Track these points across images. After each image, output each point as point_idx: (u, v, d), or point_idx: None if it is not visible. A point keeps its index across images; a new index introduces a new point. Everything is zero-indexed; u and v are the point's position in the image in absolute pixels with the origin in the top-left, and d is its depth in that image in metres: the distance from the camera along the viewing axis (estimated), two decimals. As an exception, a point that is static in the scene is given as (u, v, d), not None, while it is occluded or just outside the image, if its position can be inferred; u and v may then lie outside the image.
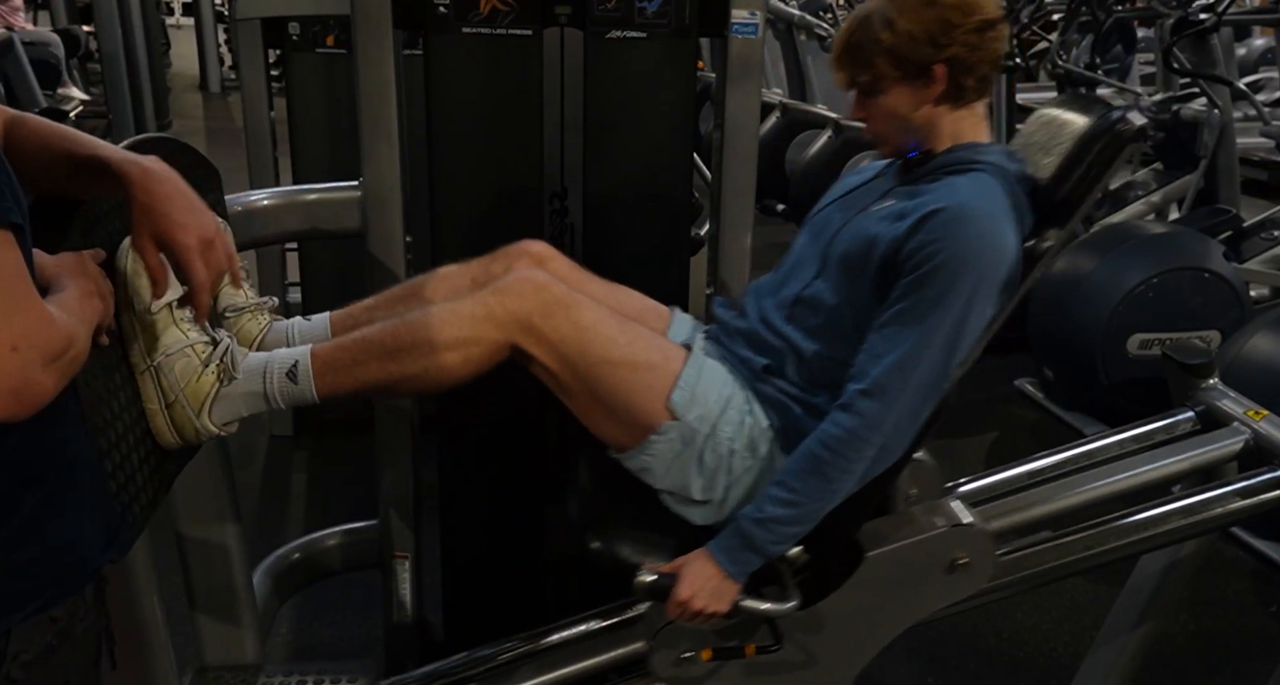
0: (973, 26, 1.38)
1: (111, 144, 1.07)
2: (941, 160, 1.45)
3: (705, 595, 1.36)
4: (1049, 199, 1.43)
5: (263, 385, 1.31)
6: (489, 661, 1.80)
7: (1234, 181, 4.21)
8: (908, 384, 1.32)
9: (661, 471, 1.43)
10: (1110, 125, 1.40)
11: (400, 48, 1.78)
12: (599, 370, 1.39)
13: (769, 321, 1.50)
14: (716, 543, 1.38)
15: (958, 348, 1.33)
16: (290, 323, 1.50)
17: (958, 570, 1.49)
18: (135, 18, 6.62)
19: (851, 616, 1.51)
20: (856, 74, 1.44)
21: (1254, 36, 8.90)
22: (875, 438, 1.33)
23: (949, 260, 1.29)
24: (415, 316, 1.37)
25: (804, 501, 1.34)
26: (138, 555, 1.46)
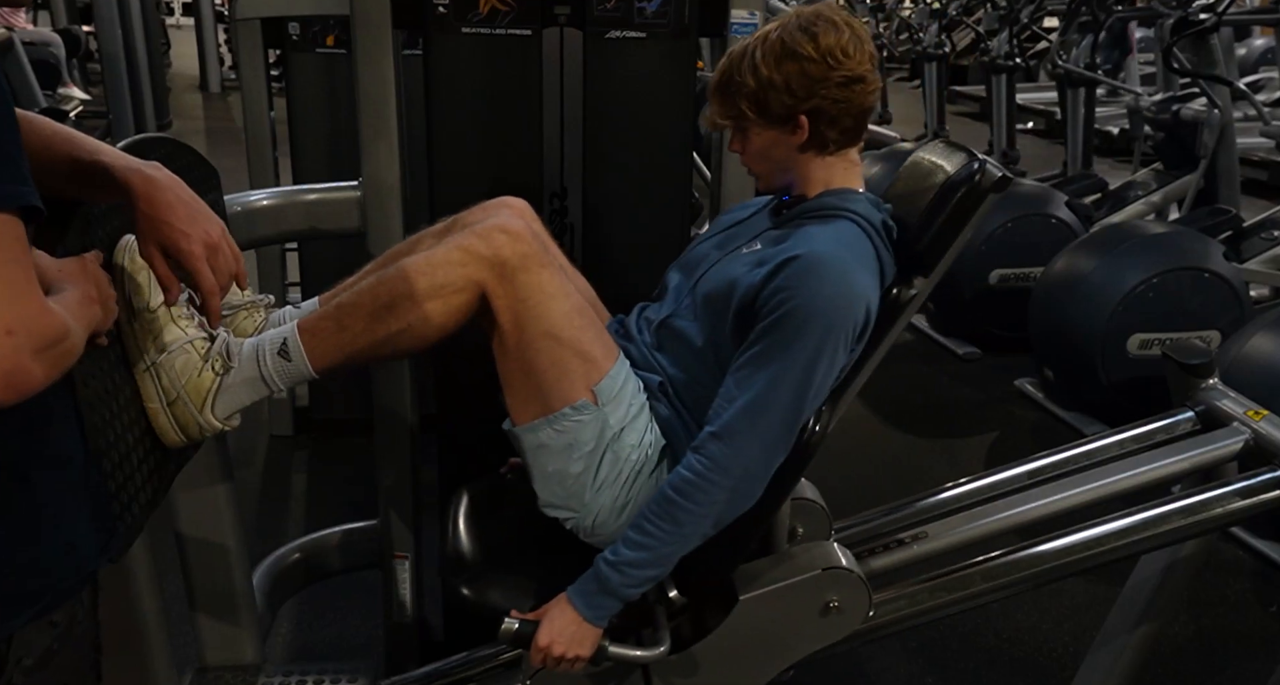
0: (836, 81, 1.38)
1: (114, 148, 1.07)
2: (808, 205, 1.46)
3: (565, 641, 1.36)
4: (912, 247, 1.43)
5: (258, 368, 1.31)
6: (489, 661, 1.80)
7: (1234, 181, 4.21)
8: (756, 427, 1.32)
9: (558, 452, 1.42)
10: (969, 175, 1.39)
11: (400, 48, 1.78)
12: (541, 342, 1.38)
13: (648, 345, 1.52)
14: (575, 587, 1.38)
15: (808, 393, 1.33)
16: (282, 312, 1.50)
17: (831, 613, 1.48)
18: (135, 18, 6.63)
19: (726, 659, 1.49)
20: (725, 113, 1.45)
21: (1254, 36, 8.90)
22: (724, 481, 1.32)
23: (799, 308, 1.30)
24: (391, 272, 1.37)
25: (656, 545, 1.34)
26: (138, 555, 1.46)
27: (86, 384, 1.07)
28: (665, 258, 1.95)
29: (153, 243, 1.06)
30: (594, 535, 1.45)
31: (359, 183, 1.83)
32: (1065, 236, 4.08)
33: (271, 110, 3.24)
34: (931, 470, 3.39)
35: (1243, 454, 1.73)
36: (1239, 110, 4.35)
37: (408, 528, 2.04)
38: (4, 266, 0.76)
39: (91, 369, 1.09)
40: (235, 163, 3.20)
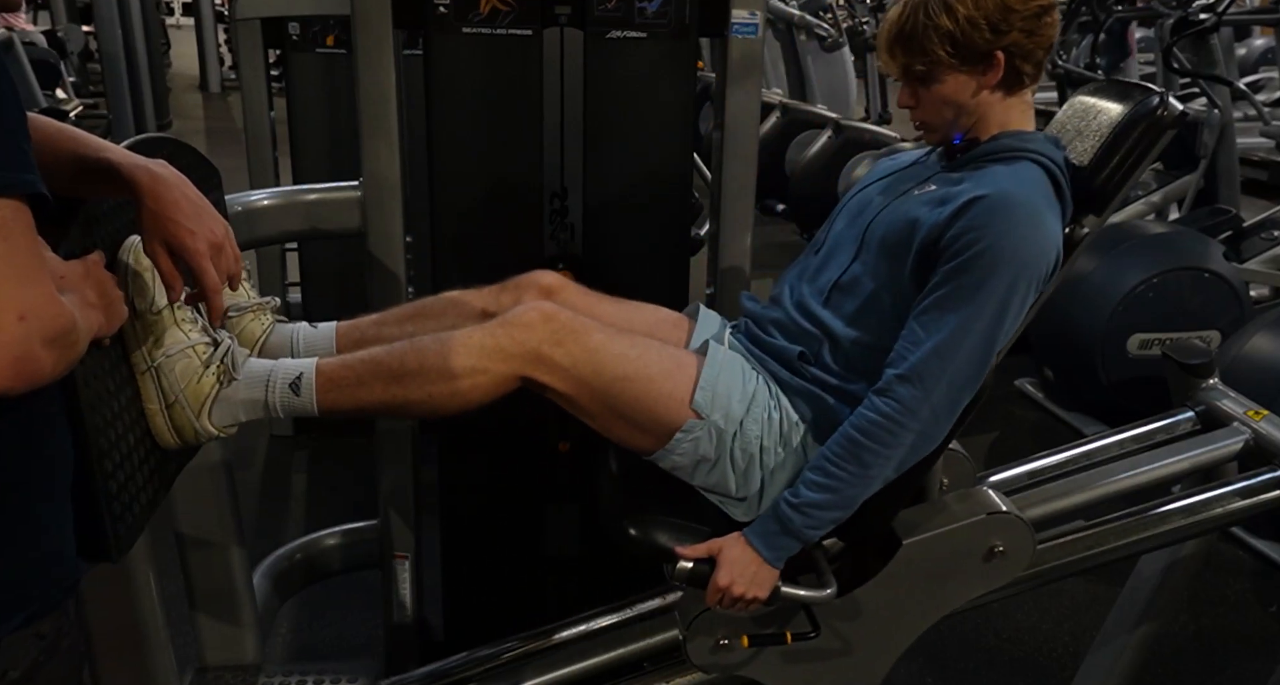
0: (1031, 12, 1.37)
1: (119, 146, 1.07)
2: (987, 147, 1.44)
3: (745, 581, 1.36)
4: (1086, 186, 1.42)
5: (264, 394, 1.31)
6: (489, 661, 1.80)
7: (1234, 181, 4.21)
8: (946, 371, 1.31)
9: (693, 470, 1.43)
10: (1151, 110, 1.39)
11: (400, 48, 1.78)
12: (616, 387, 1.38)
13: (806, 307, 1.49)
14: (753, 528, 1.38)
15: (998, 336, 1.33)
16: (295, 328, 1.50)
17: (995, 558, 1.49)
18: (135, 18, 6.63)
19: (888, 604, 1.50)
20: (911, 61, 1.41)
21: (1254, 36, 8.90)
22: (913, 424, 1.32)
23: (991, 248, 1.29)
24: (424, 342, 1.37)
25: (841, 487, 1.34)
26: (138, 555, 1.46)
27: (88, 385, 1.07)
28: (665, 258, 1.95)
29: (158, 240, 1.06)
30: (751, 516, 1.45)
31: (359, 183, 1.83)
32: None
33: (271, 110, 3.24)
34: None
35: (1243, 454, 1.73)
36: (1239, 110, 4.35)
37: (408, 528, 2.04)
38: (16, 253, 0.76)
39: (93, 369, 1.09)
40: (235, 163, 3.19)
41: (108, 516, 1.10)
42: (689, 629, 1.50)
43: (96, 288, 1.00)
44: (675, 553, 1.39)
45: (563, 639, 1.81)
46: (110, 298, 1.03)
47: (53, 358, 0.80)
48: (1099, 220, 1.42)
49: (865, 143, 5.29)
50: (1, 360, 0.75)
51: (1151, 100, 1.40)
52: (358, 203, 1.83)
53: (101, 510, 1.10)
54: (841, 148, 5.35)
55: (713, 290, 1.97)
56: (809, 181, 5.41)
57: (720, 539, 1.39)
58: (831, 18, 6.31)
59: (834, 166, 5.22)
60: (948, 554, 1.49)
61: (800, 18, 6.01)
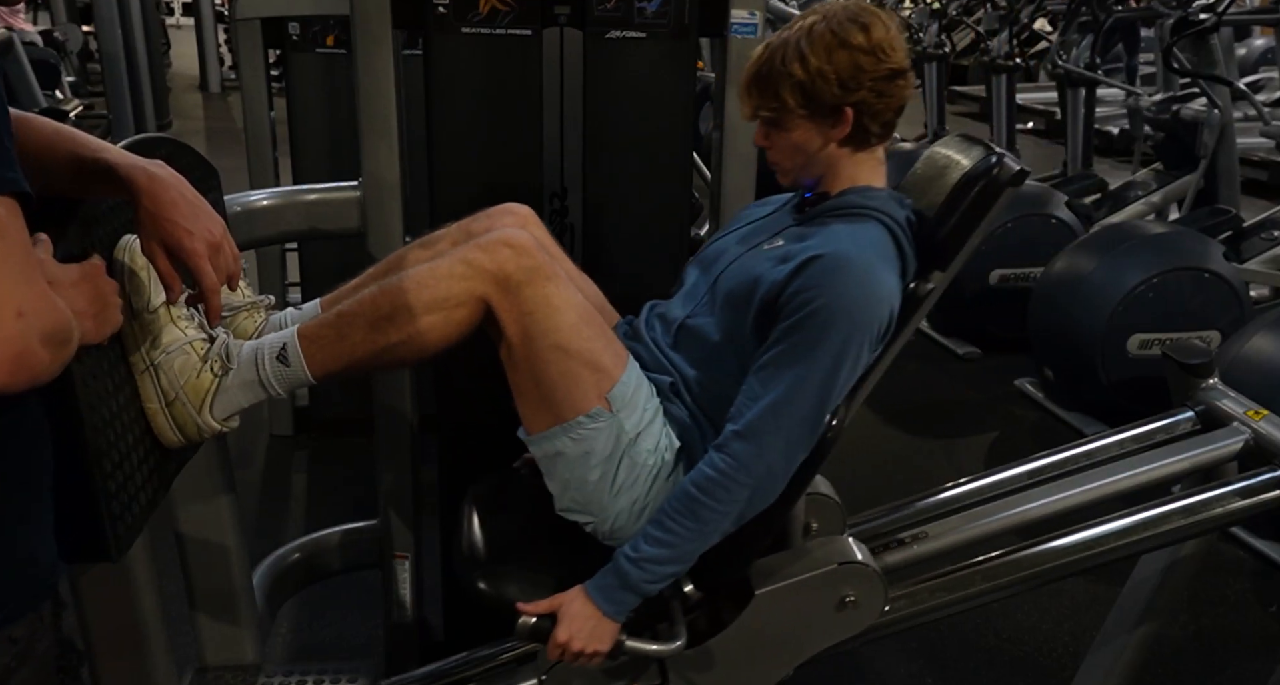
0: (881, 74, 1.39)
1: (117, 147, 1.07)
2: (833, 203, 1.46)
3: (584, 636, 1.35)
4: (931, 241, 1.43)
5: (256, 372, 1.31)
6: (489, 661, 1.80)
7: (1234, 181, 4.21)
8: (780, 427, 1.32)
9: (574, 460, 1.41)
10: (988, 169, 1.39)
11: (400, 48, 1.78)
12: (551, 354, 1.37)
13: (659, 345, 1.51)
14: (593, 582, 1.38)
15: (831, 393, 1.34)
16: (283, 314, 1.50)
17: (847, 608, 1.48)
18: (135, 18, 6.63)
19: (741, 654, 1.50)
20: (763, 104, 1.43)
21: (1254, 36, 8.90)
22: (747, 480, 1.33)
23: (825, 308, 1.30)
24: (393, 282, 1.36)
25: (678, 542, 1.34)
26: (138, 555, 1.46)
27: (87, 384, 1.07)
28: (665, 258, 1.95)
29: (155, 240, 1.06)
30: (612, 538, 1.45)
31: (359, 183, 1.83)
32: (1065, 236, 4.08)
33: (271, 110, 3.24)
34: (931, 470, 3.39)
35: (1243, 454, 1.73)
36: (1239, 110, 4.35)
37: (408, 528, 2.04)
38: (13, 250, 0.76)
39: (92, 369, 1.09)
40: (235, 163, 3.20)
41: (107, 516, 1.10)
42: (546, 677, 1.51)
43: (88, 294, 0.99)
44: (518, 608, 1.39)
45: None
46: (103, 304, 1.02)
47: (49, 355, 0.80)
48: (944, 275, 1.43)
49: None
50: (1, 357, 0.75)
51: (989, 159, 1.40)
52: (357, 203, 1.83)
53: (101, 510, 1.10)
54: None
55: (713, 290, 1.97)
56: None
57: (562, 594, 1.39)
58: (831, 18, 6.29)
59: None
60: (800, 604, 1.49)
61: (799, 18, 6.00)
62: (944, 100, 6.18)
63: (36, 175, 1.03)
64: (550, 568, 1.48)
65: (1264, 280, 4.00)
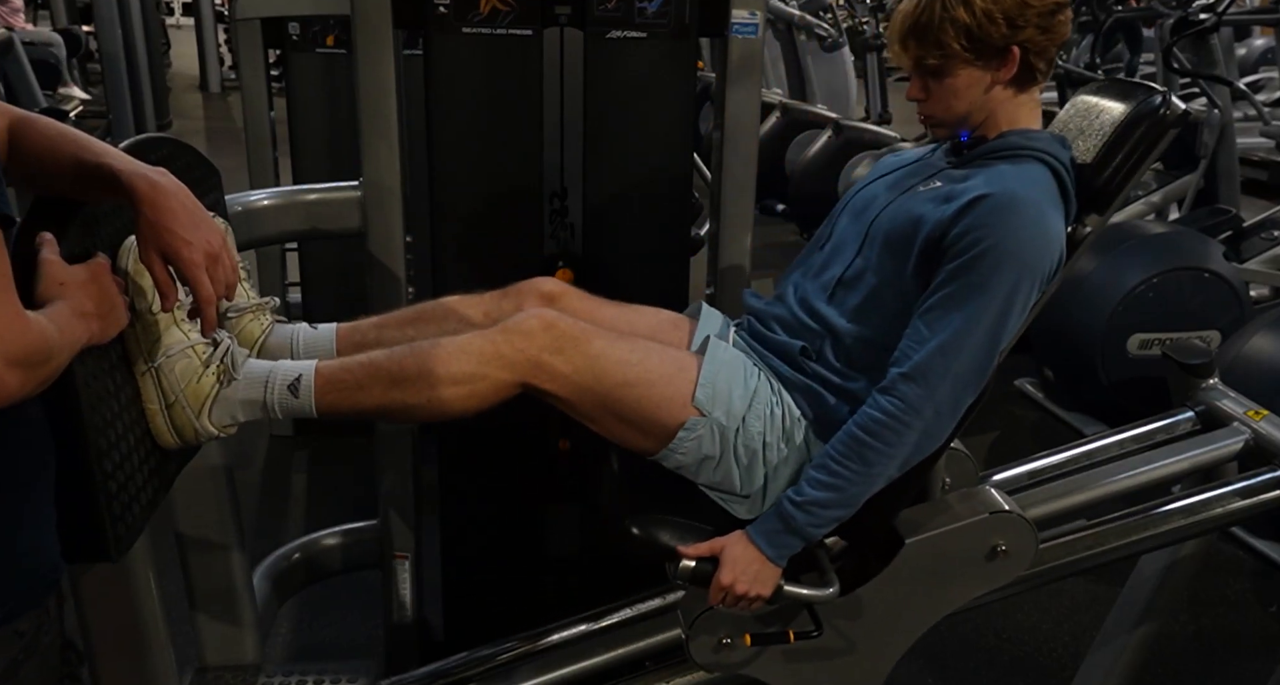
0: (1046, 8, 1.38)
1: (120, 152, 1.06)
2: (993, 145, 1.44)
3: (748, 580, 1.36)
4: (1089, 185, 1.42)
5: (263, 394, 1.31)
6: (489, 661, 1.81)
7: (1234, 181, 4.21)
8: (950, 369, 1.32)
9: (697, 468, 1.43)
10: (1154, 109, 1.39)
11: (400, 48, 1.78)
12: (618, 393, 1.38)
13: (809, 304, 1.49)
14: (756, 527, 1.38)
15: (1001, 335, 1.33)
16: (295, 328, 1.50)
17: (998, 557, 1.48)
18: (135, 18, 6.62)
19: (891, 603, 1.50)
20: (925, 54, 1.40)
21: (1254, 36, 8.90)
22: (916, 422, 1.32)
23: (995, 248, 1.29)
24: (424, 347, 1.36)
25: (844, 485, 1.34)
26: (138, 555, 1.46)
27: (88, 385, 1.07)
28: (665, 258, 1.95)
29: (154, 249, 1.06)
30: None
31: (359, 183, 1.83)
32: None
33: (271, 110, 3.24)
34: (931, 470, 3.38)
35: (1243, 454, 1.73)
36: (1239, 110, 4.35)
37: (408, 528, 2.04)
38: None
39: (93, 370, 1.09)
40: (235, 163, 3.20)
41: (107, 516, 1.10)
42: (691, 628, 1.50)
43: (95, 295, 0.99)
44: (678, 552, 1.39)
45: (563, 639, 1.81)
46: (110, 304, 1.02)
47: (19, 378, 0.80)
48: (1102, 219, 1.43)
49: (865, 143, 5.28)
50: None
51: (1154, 99, 1.41)
52: (358, 203, 1.83)
53: (101, 510, 1.10)
54: (841, 148, 5.35)
55: (713, 290, 1.97)
56: (809, 181, 5.41)
57: (723, 537, 1.39)
58: (831, 18, 6.31)
59: (834, 166, 5.22)
60: (950, 553, 1.49)
61: (800, 18, 6.01)
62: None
63: (39, 177, 1.03)
64: (701, 517, 1.46)
65: (1264, 280, 4.00)
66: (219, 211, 1.49)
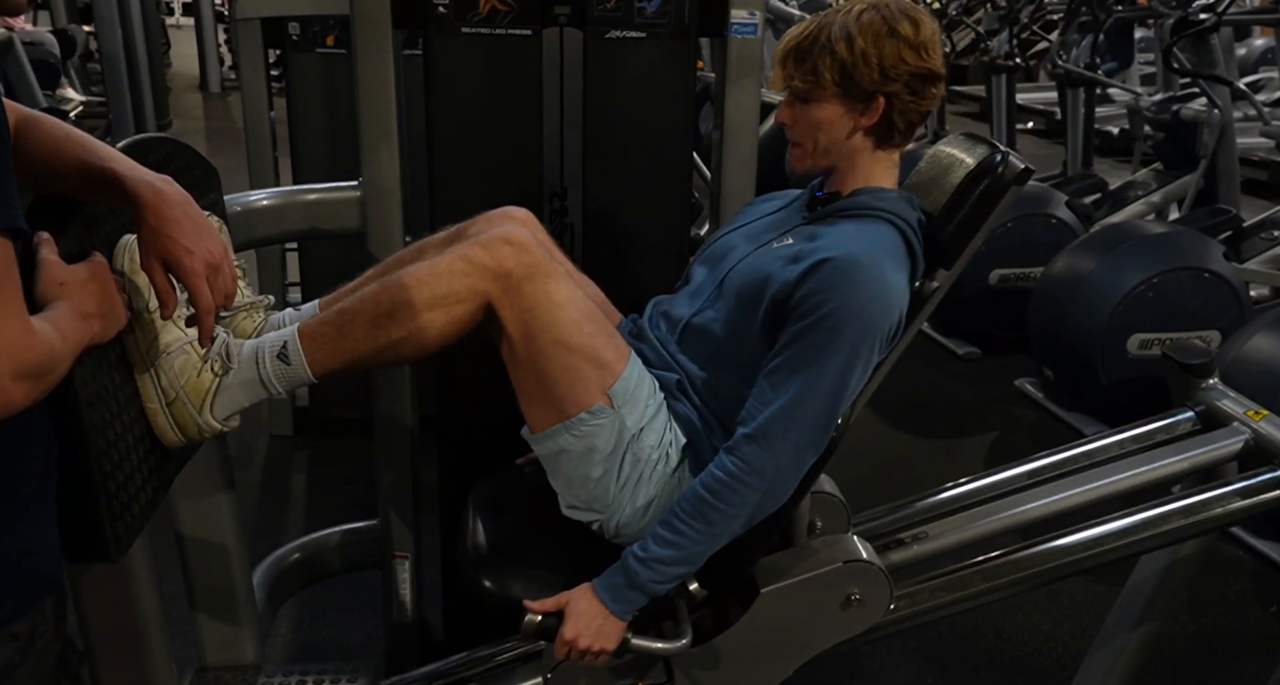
0: (922, 72, 1.40)
1: (126, 157, 1.06)
2: (844, 203, 1.46)
3: (591, 634, 1.36)
4: (937, 239, 1.44)
5: (257, 371, 1.31)
6: (489, 661, 1.80)
7: (1234, 181, 4.21)
8: (791, 430, 1.33)
9: (579, 457, 1.42)
10: (992, 166, 1.40)
11: (400, 48, 1.78)
12: (553, 350, 1.38)
13: (665, 344, 1.51)
14: (601, 580, 1.38)
15: (843, 395, 1.34)
16: (282, 314, 1.50)
17: (852, 606, 1.49)
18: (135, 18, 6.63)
19: (747, 652, 1.50)
20: (798, 76, 1.43)
21: (1254, 36, 8.90)
22: (758, 482, 1.33)
23: (835, 311, 1.31)
24: (394, 279, 1.36)
25: (687, 544, 1.34)
26: (138, 555, 1.46)
27: (87, 384, 1.07)
28: (665, 258, 1.95)
29: (155, 256, 1.06)
30: (619, 535, 1.45)
31: (359, 183, 1.83)
32: (1065, 236, 4.08)
33: (271, 110, 3.24)
34: (931, 470, 3.38)
35: (1243, 454, 1.73)
36: (1239, 110, 4.35)
37: (408, 528, 2.04)
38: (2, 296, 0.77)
39: (92, 369, 1.09)
40: (235, 163, 3.20)
41: (107, 516, 1.10)
42: (551, 675, 1.51)
43: (96, 295, 0.99)
44: (525, 606, 1.39)
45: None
46: (110, 304, 1.02)
47: (24, 390, 0.81)
48: (949, 274, 1.43)
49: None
50: None
51: (994, 157, 1.41)
52: (357, 203, 1.83)
53: (100, 509, 1.09)
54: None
55: (713, 290, 1.97)
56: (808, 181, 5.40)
57: (569, 592, 1.39)
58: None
59: (834, 166, 5.21)
60: (805, 602, 1.49)
61: (800, 18, 6.01)
62: (944, 100, 6.18)
63: (42, 177, 1.03)
64: (556, 567, 1.48)
65: (1264, 280, 4.01)
66: (217, 211, 1.49)
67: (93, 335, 0.98)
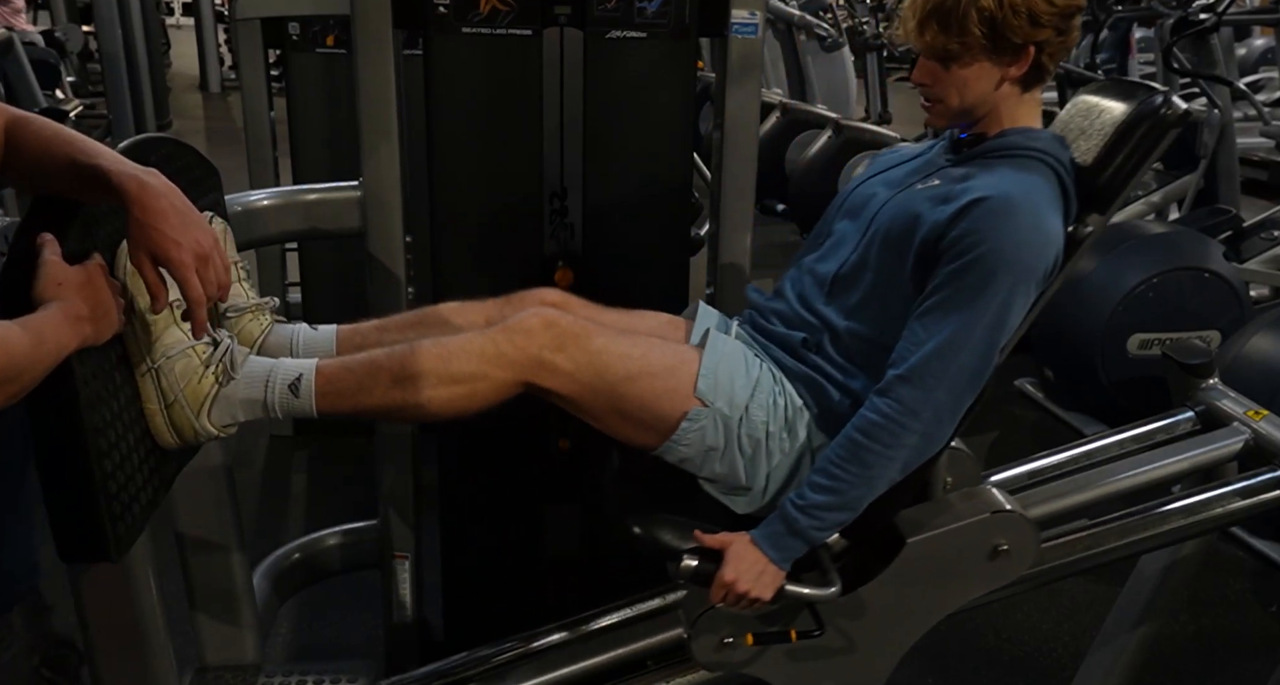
0: (1068, 10, 1.38)
1: (114, 152, 1.06)
2: (993, 143, 1.44)
3: (750, 580, 1.36)
4: (1090, 185, 1.42)
5: (263, 394, 1.30)
6: (489, 661, 1.80)
7: (1234, 181, 4.21)
8: (947, 372, 1.32)
9: (700, 460, 1.42)
10: (1155, 109, 1.39)
11: (400, 48, 1.78)
12: (621, 388, 1.38)
13: (807, 299, 1.50)
14: (760, 530, 1.38)
15: (999, 337, 1.33)
16: (295, 329, 1.49)
17: (999, 557, 1.48)
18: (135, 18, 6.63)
19: (892, 603, 1.50)
20: (945, 39, 1.38)
21: (1254, 36, 8.90)
22: (915, 425, 1.32)
23: (992, 252, 1.29)
24: (425, 346, 1.36)
25: (846, 489, 1.34)
26: (138, 555, 1.46)
27: (87, 384, 1.07)
28: (665, 258, 1.95)
29: (143, 249, 1.05)
30: (772, 505, 1.44)
31: (359, 183, 1.83)
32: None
33: (271, 110, 3.24)
34: (931, 470, 3.38)
35: (1243, 454, 1.73)
36: (1239, 110, 4.35)
37: (408, 528, 2.04)
38: None
39: (92, 369, 1.09)
40: (235, 163, 3.19)
41: (107, 516, 1.10)
42: (693, 627, 1.50)
43: (91, 298, 0.99)
44: (680, 550, 1.39)
45: (564, 639, 1.80)
46: (105, 308, 1.02)
47: None
48: (1103, 219, 1.42)
49: (865, 143, 5.28)
50: None
51: (1155, 99, 1.41)
52: (358, 203, 1.83)
53: (101, 510, 1.09)
54: (841, 148, 5.35)
55: (713, 290, 1.97)
56: (809, 181, 5.41)
57: (729, 534, 1.39)
58: (831, 18, 6.31)
59: (834, 166, 5.22)
60: (951, 553, 1.49)
61: (800, 18, 6.01)
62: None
63: (36, 177, 1.03)
64: (705, 517, 1.46)
65: (1264, 280, 4.00)
66: (219, 212, 1.49)
67: (84, 337, 0.98)
